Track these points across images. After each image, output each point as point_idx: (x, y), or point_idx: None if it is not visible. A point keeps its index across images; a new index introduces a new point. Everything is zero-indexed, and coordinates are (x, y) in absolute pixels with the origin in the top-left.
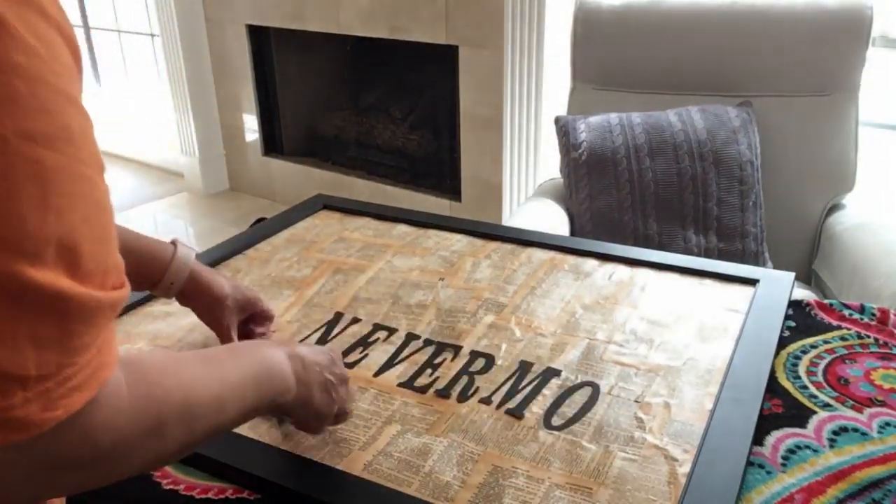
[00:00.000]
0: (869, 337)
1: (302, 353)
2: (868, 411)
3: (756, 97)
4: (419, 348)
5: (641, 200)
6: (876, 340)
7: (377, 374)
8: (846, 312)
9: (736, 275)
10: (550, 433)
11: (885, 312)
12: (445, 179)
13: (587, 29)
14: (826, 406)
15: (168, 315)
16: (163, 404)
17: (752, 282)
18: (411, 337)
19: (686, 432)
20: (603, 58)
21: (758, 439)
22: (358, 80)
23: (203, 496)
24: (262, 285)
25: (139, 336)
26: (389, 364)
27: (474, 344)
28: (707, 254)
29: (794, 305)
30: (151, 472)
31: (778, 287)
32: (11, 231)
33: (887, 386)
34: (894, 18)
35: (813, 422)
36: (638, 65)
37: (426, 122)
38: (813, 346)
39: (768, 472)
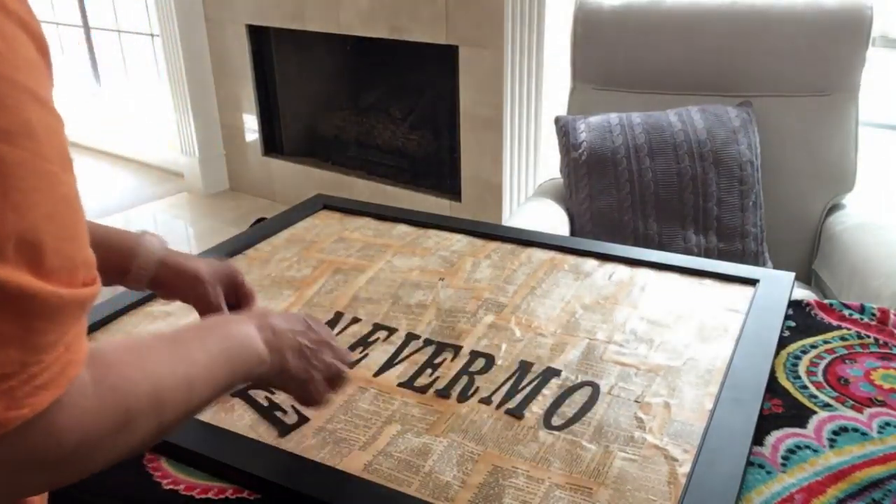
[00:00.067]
0: (869, 337)
1: (272, 322)
2: (868, 411)
3: (756, 97)
4: (419, 348)
5: (641, 200)
6: (876, 340)
7: (377, 374)
8: (846, 312)
9: (736, 275)
10: (550, 433)
11: (885, 312)
12: (445, 179)
13: (587, 29)
14: (826, 406)
15: (168, 315)
16: (131, 398)
17: (752, 282)
18: (411, 337)
19: (686, 432)
20: (603, 58)
21: (758, 439)
22: (358, 80)
23: (203, 496)
24: (262, 285)
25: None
26: (389, 364)
27: (474, 344)
28: (707, 254)
29: (794, 305)
30: (151, 473)
31: (778, 287)
32: None
33: (887, 386)
34: (894, 18)
35: (813, 422)
36: (638, 65)
37: (426, 122)
38: (813, 346)
39: (768, 472)
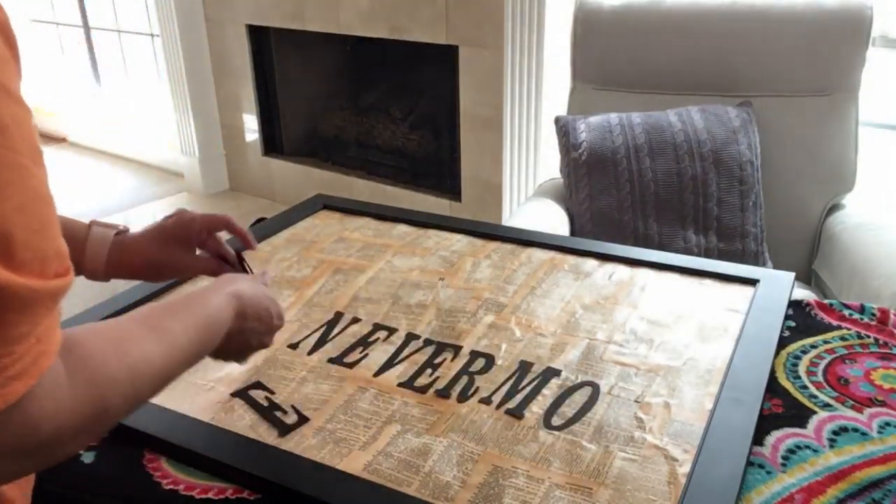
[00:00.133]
0: (869, 337)
1: (245, 316)
2: (868, 411)
3: (756, 97)
4: (419, 348)
5: (641, 200)
6: (876, 340)
7: (377, 374)
8: (846, 312)
9: (736, 275)
10: (550, 433)
11: (885, 312)
12: (445, 179)
13: (587, 29)
14: (826, 406)
15: None
16: (107, 390)
17: (752, 282)
18: (411, 337)
19: (686, 432)
20: (603, 58)
21: (758, 439)
22: (358, 80)
23: (203, 496)
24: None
25: None
26: (389, 364)
27: (474, 344)
28: (707, 254)
29: (794, 305)
30: (151, 473)
31: (778, 287)
32: None
33: (887, 386)
34: (894, 18)
35: (813, 422)
36: (638, 65)
37: (426, 122)
38: (813, 346)
39: (768, 472)
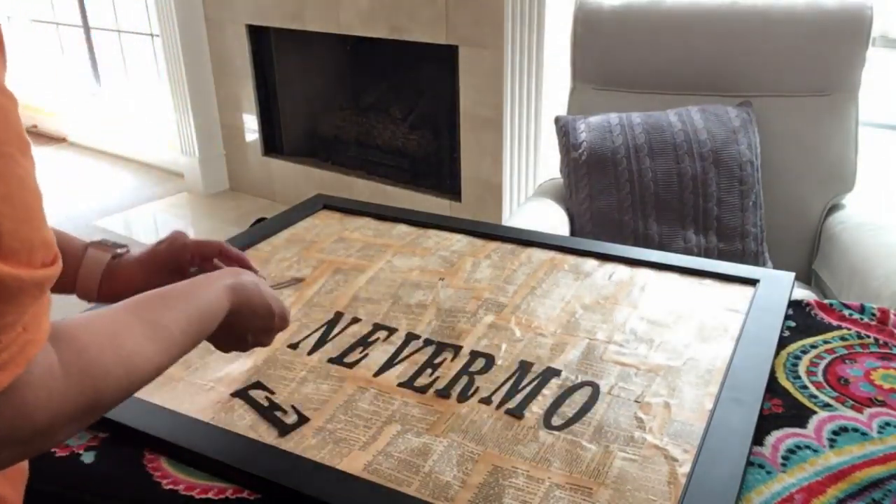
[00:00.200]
0: (869, 337)
1: (241, 309)
2: (868, 411)
3: (756, 97)
4: (419, 348)
5: (641, 200)
6: (876, 340)
7: (377, 374)
8: (846, 312)
9: (736, 275)
10: (550, 433)
11: (885, 312)
12: (445, 179)
13: (587, 29)
14: (826, 406)
15: None
16: (100, 382)
17: (752, 282)
18: (411, 337)
19: (686, 432)
20: (603, 58)
21: (758, 439)
22: (358, 80)
23: (203, 496)
24: None
25: None
26: (389, 364)
27: (474, 344)
28: (707, 254)
29: (794, 305)
30: (151, 473)
31: (778, 287)
32: None
33: (887, 386)
34: (894, 18)
35: (813, 422)
36: (638, 65)
37: (426, 122)
38: (813, 346)
39: (768, 472)
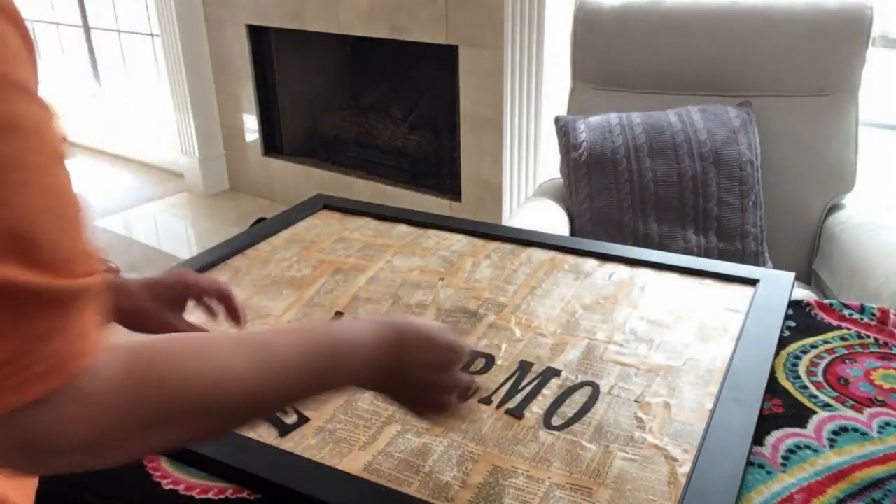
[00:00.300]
0: (869, 337)
1: (402, 347)
2: (868, 411)
3: (756, 97)
4: None
5: (641, 200)
6: (876, 340)
7: None
8: (846, 312)
9: (736, 275)
10: (550, 433)
11: (885, 312)
12: (445, 179)
13: (587, 29)
14: (826, 406)
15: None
16: (165, 397)
17: (752, 282)
18: None
19: (686, 432)
20: (603, 58)
21: (758, 439)
22: (358, 80)
23: (203, 496)
24: (262, 285)
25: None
26: None
27: (474, 344)
28: (707, 254)
29: (794, 305)
30: (151, 472)
31: (778, 287)
32: None
33: (887, 386)
34: (894, 18)
35: (813, 422)
36: (638, 65)
37: (426, 122)
38: (813, 346)
39: (768, 472)
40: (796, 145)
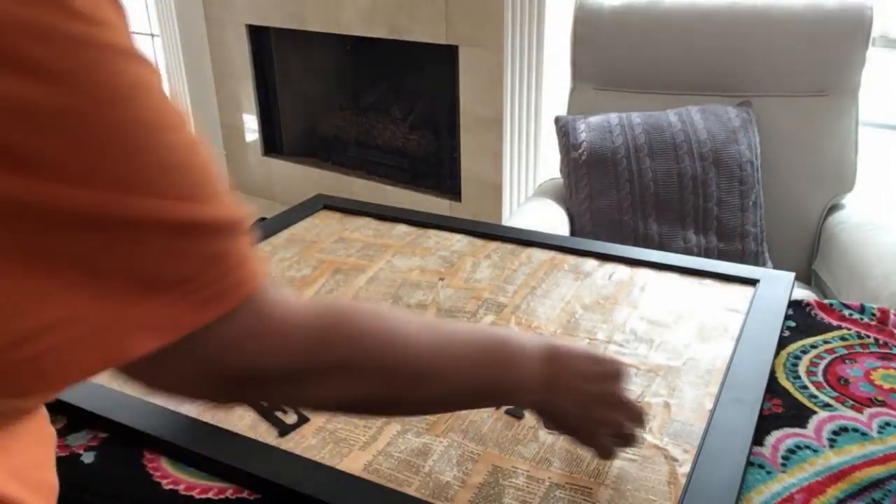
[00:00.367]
0: (869, 337)
1: (563, 357)
2: (868, 411)
3: (756, 97)
4: None
5: (641, 200)
6: (876, 340)
7: None
8: (846, 312)
9: (736, 275)
10: (550, 433)
11: (885, 312)
12: (445, 179)
13: (587, 29)
14: (826, 406)
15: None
16: (351, 344)
17: (752, 282)
18: None
19: (686, 432)
20: (603, 58)
21: (758, 439)
22: (358, 80)
23: (203, 496)
24: None
25: None
26: None
27: None
28: (707, 254)
29: (794, 305)
30: (151, 472)
31: (778, 287)
32: (136, 173)
33: (887, 386)
34: (894, 18)
35: (813, 422)
36: (638, 65)
37: (426, 122)
38: (813, 346)
39: (768, 472)
40: (796, 145)
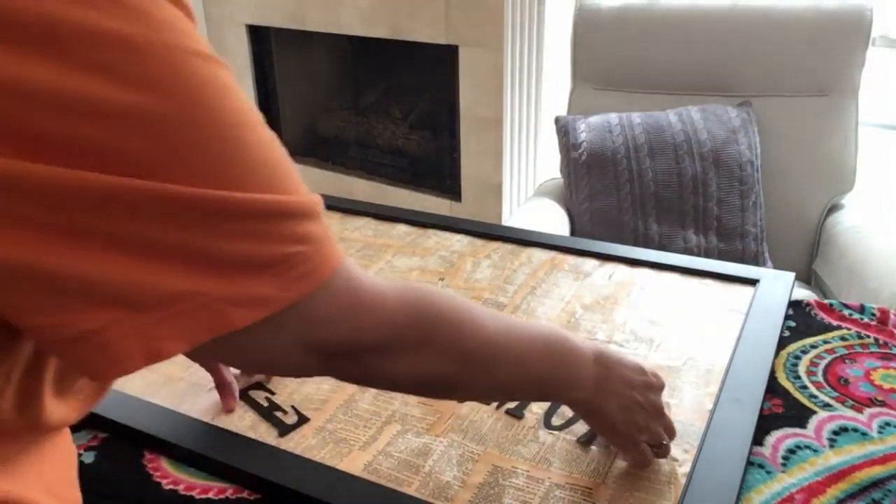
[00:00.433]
0: (869, 337)
1: (610, 361)
2: (868, 411)
3: (756, 97)
4: None
5: (641, 200)
6: (876, 340)
7: None
8: (846, 312)
9: (736, 275)
10: (550, 433)
11: (885, 312)
12: (445, 179)
13: (587, 29)
14: (826, 406)
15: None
16: (434, 321)
17: (752, 282)
18: None
19: (686, 432)
20: (603, 58)
21: (758, 439)
22: (358, 80)
23: (203, 496)
24: None
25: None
26: None
27: None
28: (707, 254)
29: (794, 305)
30: (151, 473)
31: (778, 287)
32: (228, 169)
33: (887, 386)
34: (894, 18)
35: (813, 422)
36: (638, 65)
37: (426, 122)
38: (813, 346)
39: (768, 472)
40: (796, 145)
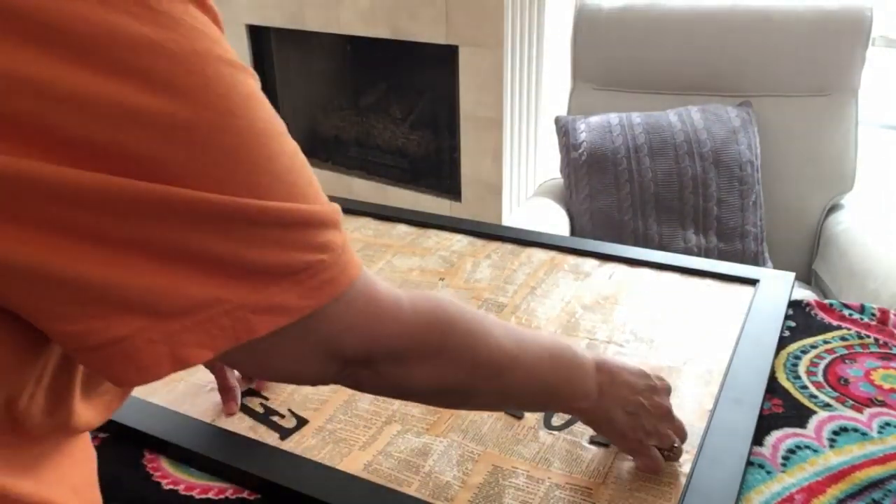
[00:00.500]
0: (869, 337)
1: (612, 368)
2: (868, 411)
3: (756, 97)
4: None
5: (641, 200)
6: (876, 340)
7: None
8: (846, 312)
9: (736, 275)
10: (550, 433)
11: (885, 312)
12: (445, 179)
13: (587, 29)
14: (826, 406)
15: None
16: (448, 329)
17: (752, 282)
18: None
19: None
20: (603, 58)
21: (758, 439)
22: (358, 80)
23: (203, 496)
24: None
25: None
26: None
27: None
28: (707, 254)
29: (794, 305)
30: (151, 472)
31: (778, 287)
32: (253, 178)
33: (887, 386)
34: (894, 18)
35: (813, 422)
36: (638, 65)
37: (426, 122)
38: (813, 346)
39: (768, 472)
40: (796, 145)
